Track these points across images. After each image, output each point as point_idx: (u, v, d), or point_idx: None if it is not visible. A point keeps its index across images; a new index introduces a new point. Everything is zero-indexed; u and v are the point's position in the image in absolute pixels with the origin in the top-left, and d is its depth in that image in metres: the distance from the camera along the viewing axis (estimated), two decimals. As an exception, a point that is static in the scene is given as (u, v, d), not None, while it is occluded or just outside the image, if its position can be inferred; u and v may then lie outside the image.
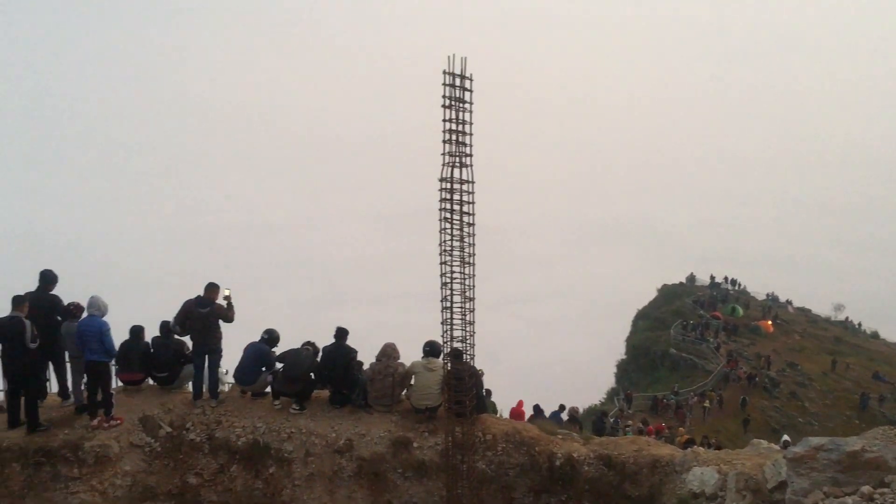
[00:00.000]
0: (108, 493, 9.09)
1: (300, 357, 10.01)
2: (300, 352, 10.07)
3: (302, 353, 10.07)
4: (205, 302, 9.67)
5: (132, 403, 9.81)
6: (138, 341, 9.97)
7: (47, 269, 9.32)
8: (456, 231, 9.35)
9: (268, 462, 9.61)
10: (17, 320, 8.88)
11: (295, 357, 9.98)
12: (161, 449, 9.53)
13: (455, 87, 9.08)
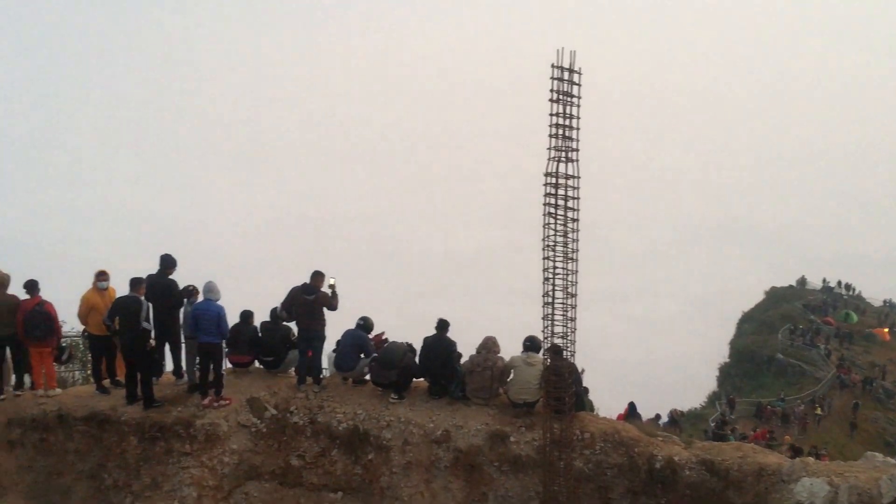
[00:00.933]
0: (217, 470, 9.82)
1: (395, 346, 10.52)
2: (396, 343, 10.59)
3: (397, 343, 10.58)
4: (310, 289, 10.29)
5: (240, 385, 10.53)
6: (247, 325, 10.68)
7: (166, 254, 10.12)
8: (560, 226, 9.62)
9: (367, 448, 10.14)
10: (135, 300, 9.71)
11: (391, 346, 10.51)
12: (266, 430, 10.20)
13: (563, 81, 9.36)
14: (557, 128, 9.41)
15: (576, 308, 9.73)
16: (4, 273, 9.90)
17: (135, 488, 9.68)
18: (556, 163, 9.48)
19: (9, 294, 9.86)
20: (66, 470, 9.95)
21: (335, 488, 10.21)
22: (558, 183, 9.53)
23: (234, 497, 9.97)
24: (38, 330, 9.75)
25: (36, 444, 9.94)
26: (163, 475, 9.70)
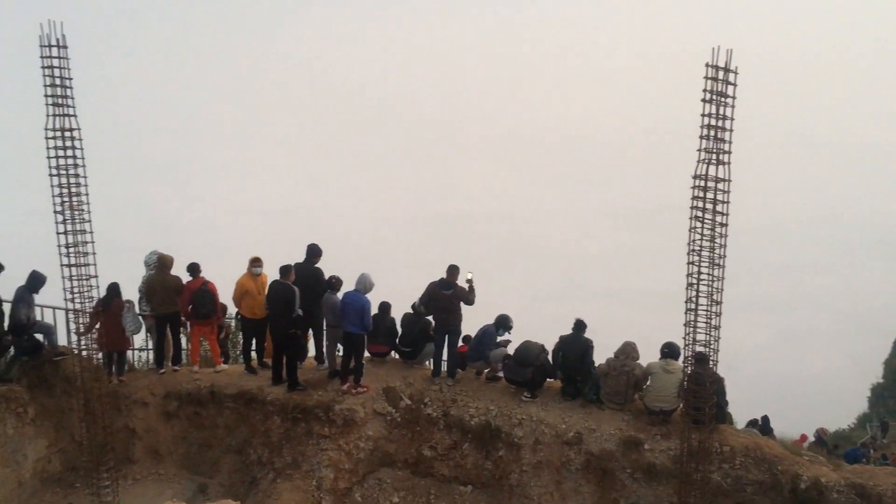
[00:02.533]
0: (353, 454, 10.78)
1: (531, 344, 11.16)
2: (531, 341, 11.22)
3: (533, 342, 11.21)
4: (448, 284, 11.10)
5: (378, 374, 11.49)
6: (385, 316, 11.64)
7: (313, 244, 11.19)
8: (707, 231, 9.90)
9: (498, 445, 10.82)
10: (289, 287, 10.83)
11: (526, 344, 11.15)
12: (401, 419, 11.09)
13: (717, 81, 9.65)
14: (709, 129, 9.67)
15: (720, 316, 9.98)
16: (169, 255, 11.33)
17: (277, 465, 10.79)
18: (706, 165, 9.75)
19: (172, 275, 11.29)
20: (216, 443, 11.25)
21: (465, 481, 10.98)
22: (707, 186, 9.82)
23: (367, 482, 10.93)
24: (204, 308, 11.14)
25: (190, 417, 11.30)
26: (302, 455, 10.76)
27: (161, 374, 11.58)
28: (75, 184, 9.92)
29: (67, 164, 9.84)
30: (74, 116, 9.81)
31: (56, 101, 9.69)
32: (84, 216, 10.02)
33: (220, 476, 11.07)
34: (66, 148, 9.79)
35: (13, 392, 10.47)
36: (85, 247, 10.05)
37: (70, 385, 10.71)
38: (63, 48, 9.60)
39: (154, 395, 11.30)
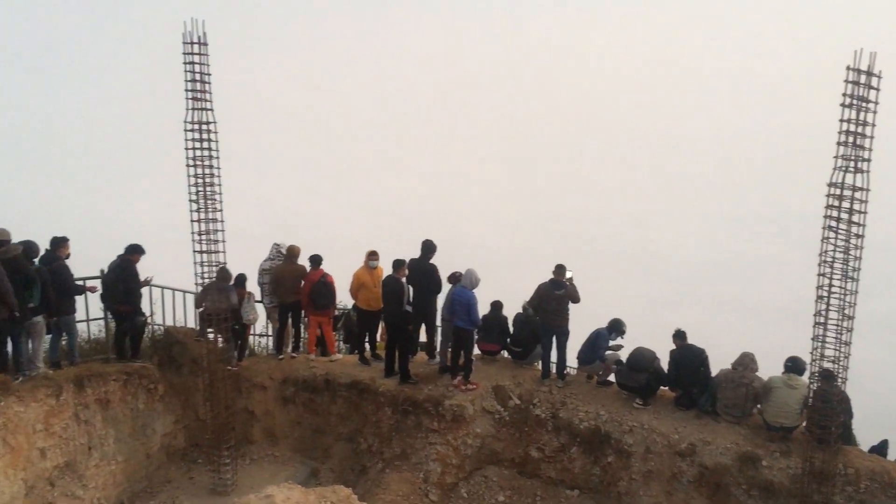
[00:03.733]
0: (460, 450, 11.32)
1: (645, 350, 11.38)
2: (645, 348, 11.46)
3: (646, 348, 11.44)
4: (560, 284, 11.48)
5: (487, 372, 12.00)
6: (498, 315, 12.14)
7: (428, 240, 11.79)
8: (841, 242, 9.84)
9: (607, 450, 11.11)
10: (397, 282, 11.49)
11: (640, 350, 11.39)
12: (509, 418, 11.56)
13: (859, 85, 9.57)
14: (848, 135, 9.61)
15: (851, 332, 9.91)
16: (296, 246, 12.24)
17: (386, 455, 11.48)
18: (843, 172, 9.69)
19: (298, 265, 12.19)
20: (329, 430, 12.06)
21: (572, 485, 11.33)
22: (843, 195, 9.77)
23: (473, 478, 11.45)
24: (322, 299, 11.98)
25: (305, 403, 12.16)
26: (411, 447, 11.39)
27: (280, 360, 12.53)
28: (209, 174, 10.88)
29: (203, 155, 10.81)
30: (211, 110, 10.75)
31: (195, 95, 10.65)
32: (216, 205, 10.98)
33: (331, 462, 11.88)
34: (202, 140, 10.74)
35: (146, 370, 11.58)
36: (216, 234, 11.02)
37: (196, 365, 11.76)
38: (203, 45, 10.54)
39: (272, 379, 12.24)
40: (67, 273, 10.60)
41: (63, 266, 10.54)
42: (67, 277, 10.59)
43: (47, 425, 10.14)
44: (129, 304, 11.21)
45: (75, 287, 10.83)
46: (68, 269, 10.63)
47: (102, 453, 10.89)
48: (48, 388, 10.22)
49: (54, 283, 10.23)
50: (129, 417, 11.33)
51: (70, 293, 10.63)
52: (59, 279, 10.37)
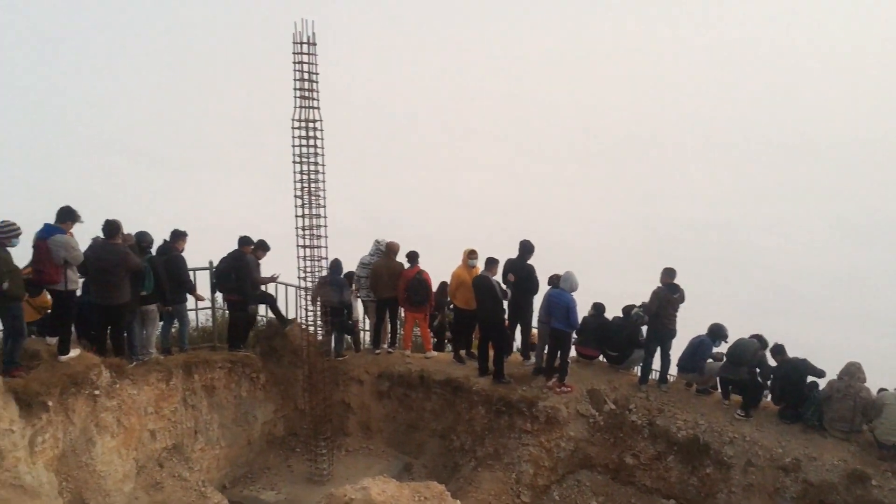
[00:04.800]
0: (553, 452, 11.62)
1: (747, 342, 11.27)
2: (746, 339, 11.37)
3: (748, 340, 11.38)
4: (675, 287, 11.59)
5: (583, 375, 12.25)
6: (598, 317, 12.39)
7: (527, 240, 12.14)
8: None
9: (705, 461, 11.19)
10: (488, 280, 11.87)
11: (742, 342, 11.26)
12: (604, 423, 11.78)
13: None
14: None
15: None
16: (395, 242, 12.82)
17: (478, 454, 11.89)
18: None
19: (396, 261, 12.76)
20: (422, 426, 12.57)
21: (668, 494, 11.46)
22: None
23: (566, 482, 11.73)
24: (418, 296, 12.50)
25: (400, 398, 12.72)
26: (504, 447, 11.76)
27: (376, 354, 13.13)
28: (314, 171, 11.53)
29: (309, 152, 11.46)
30: (318, 109, 11.39)
31: (303, 94, 11.30)
32: (320, 202, 11.62)
33: (424, 457, 12.39)
34: (308, 138, 11.39)
35: (249, 359, 12.35)
36: (319, 230, 11.67)
37: (296, 357, 12.47)
38: (313, 45, 11.18)
39: (369, 373, 12.83)
40: (182, 264, 11.43)
41: (179, 258, 11.38)
42: (182, 269, 11.41)
43: (157, 408, 10.99)
44: (239, 295, 12.00)
45: (188, 279, 11.65)
46: (184, 261, 11.46)
47: (207, 438, 11.70)
48: (159, 372, 11.07)
49: (169, 273, 11.07)
50: (233, 404, 12.12)
51: (183, 284, 11.46)
52: (174, 270, 11.20)
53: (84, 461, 9.69)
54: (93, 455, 9.77)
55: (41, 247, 9.31)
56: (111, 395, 10.17)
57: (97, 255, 10.03)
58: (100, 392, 9.92)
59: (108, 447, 10.02)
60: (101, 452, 9.90)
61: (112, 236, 9.99)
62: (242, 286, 11.88)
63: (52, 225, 9.46)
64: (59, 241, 9.31)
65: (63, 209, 9.54)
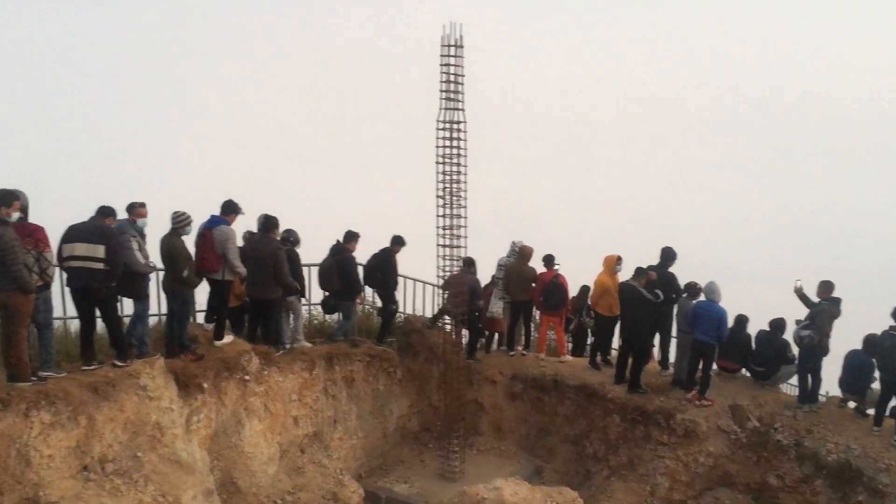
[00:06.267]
0: (690, 467, 11.65)
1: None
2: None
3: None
4: (836, 301, 11.35)
5: (725, 389, 12.21)
6: (741, 331, 12.33)
7: (668, 247, 12.24)
8: None
9: (858, 488, 10.88)
10: (635, 289, 12.04)
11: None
12: (746, 441, 11.70)
13: None
14: None
15: None
16: (529, 246, 13.26)
17: (612, 463, 12.12)
18: None
19: (528, 266, 13.19)
20: (554, 430, 12.93)
21: (814, 520, 11.30)
22: None
23: (704, 498, 11.70)
24: (553, 300, 12.89)
25: (533, 401, 13.12)
26: (639, 458, 11.93)
27: (510, 356, 13.63)
28: (456, 172, 12.13)
29: (452, 153, 12.07)
30: (462, 111, 11.97)
31: (448, 95, 11.89)
32: (461, 202, 12.21)
33: (555, 462, 12.74)
34: (452, 139, 11.99)
35: (387, 353, 13.14)
36: (459, 230, 12.27)
37: (432, 354, 13.17)
38: (459, 48, 11.77)
39: (502, 374, 13.32)
40: (353, 264, 12.30)
41: (350, 258, 12.24)
42: (352, 268, 12.28)
43: (301, 396, 11.92)
44: (384, 291, 12.82)
45: (357, 280, 12.47)
46: (354, 261, 12.32)
47: (346, 427, 12.56)
48: (303, 361, 11.98)
49: (340, 272, 11.99)
50: (370, 397, 12.94)
51: (352, 283, 12.28)
52: (344, 270, 12.11)
53: (234, 442, 10.66)
54: (241, 437, 10.73)
55: (206, 236, 10.34)
56: (259, 381, 11.13)
57: (252, 247, 11.04)
58: (249, 377, 10.87)
59: (255, 430, 10.97)
60: (249, 435, 10.85)
61: (269, 231, 10.97)
62: (386, 283, 12.67)
63: (217, 216, 10.47)
64: (223, 232, 10.32)
65: (227, 202, 10.51)
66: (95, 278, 8.72)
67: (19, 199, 7.95)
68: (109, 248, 8.72)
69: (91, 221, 8.92)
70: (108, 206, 9.12)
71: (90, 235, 8.71)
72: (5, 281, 7.77)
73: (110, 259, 8.71)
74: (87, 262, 8.68)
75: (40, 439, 7.91)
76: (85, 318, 9.17)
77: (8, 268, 7.66)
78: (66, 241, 8.76)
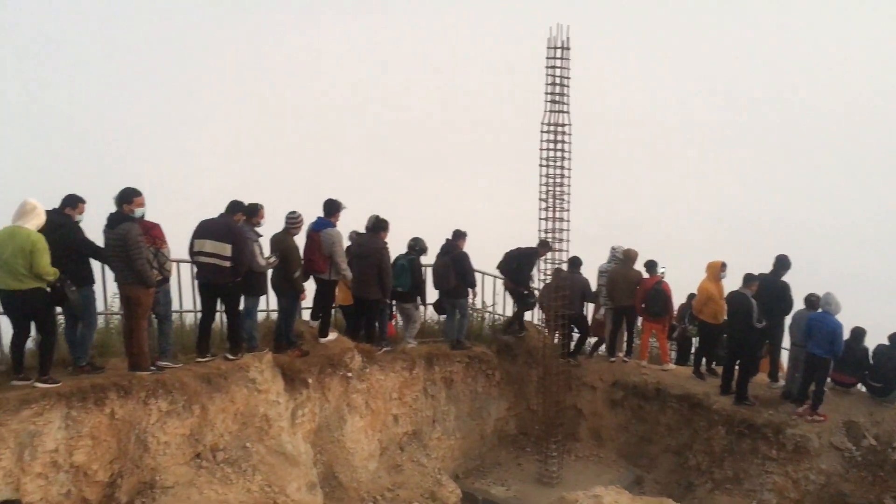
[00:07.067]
0: (800, 484, 11.34)
1: None
2: None
3: None
4: None
5: (839, 405, 11.78)
6: (858, 344, 11.93)
7: (783, 255, 11.94)
8: None
9: None
10: (745, 297, 11.82)
11: None
12: (861, 459, 11.29)
13: None
14: None
15: None
16: (634, 250, 13.23)
17: (716, 476, 11.92)
18: None
19: (634, 269, 13.16)
20: (656, 440, 12.82)
21: (937, 546, 10.84)
22: None
23: (814, 517, 11.48)
24: (656, 306, 12.81)
25: (633, 409, 13.06)
26: (745, 472, 11.67)
27: (611, 362, 13.62)
28: (560, 175, 12.24)
29: (556, 156, 12.19)
30: (567, 113, 12.07)
31: (554, 98, 12.02)
32: (564, 206, 12.32)
33: (656, 472, 12.64)
34: (556, 142, 12.11)
35: (485, 355, 13.35)
36: (561, 234, 12.39)
37: (531, 357, 13.32)
38: (566, 50, 11.88)
39: (602, 381, 13.30)
40: (468, 260, 12.64)
41: (465, 254, 12.60)
42: (467, 265, 12.62)
43: (401, 395, 12.29)
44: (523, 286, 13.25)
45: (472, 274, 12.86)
46: (467, 258, 12.64)
47: (444, 428, 12.85)
48: (404, 361, 12.35)
49: (456, 268, 12.40)
50: (469, 398, 13.18)
51: (466, 278, 12.64)
52: (459, 266, 12.49)
53: (336, 437, 11.13)
54: (344, 432, 11.19)
55: (314, 239, 10.85)
56: (362, 379, 11.56)
57: (359, 245, 11.49)
58: (352, 375, 11.31)
59: (356, 426, 11.41)
60: (351, 431, 11.29)
61: (377, 231, 11.41)
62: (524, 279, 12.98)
63: (323, 218, 10.96)
64: (330, 235, 10.81)
65: (329, 202, 10.96)
66: (222, 274, 9.32)
67: (141, 196, 8.55)
68: (236, 248, 9.27)
69: (221, 219, 9.51)
70: (238, 202, 9.68)
71: (219, 233, 9.28)
72: (129, 274, 8.41)
73: (235, 258, 9.26)
74: (215, 259, 9.28)
75: (157, 426, 8.52)
76: (207, 310, 9.78)
77: (133, 262, 8.28)
78: (197, 236, 9.39)
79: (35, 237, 7.58)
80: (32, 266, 7.54)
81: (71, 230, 8.34)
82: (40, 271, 7.58)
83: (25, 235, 7.55)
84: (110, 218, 8.41)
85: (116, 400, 8.20)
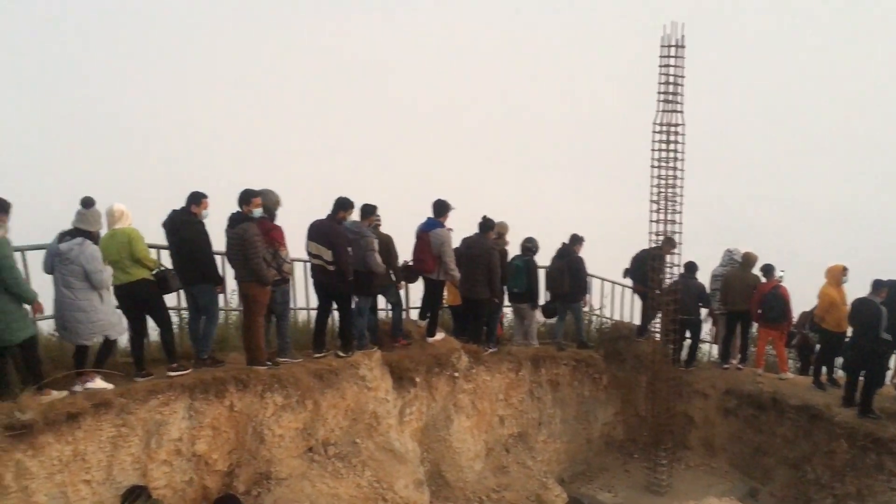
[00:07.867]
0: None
1: None
2: None
3: None
4: None
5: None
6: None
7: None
8: None
9: None
10: (874, 305, 11.35)
11: None
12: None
13: None
14: None
15: None
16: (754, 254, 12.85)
17: (837, 492, 11.48)
18: None
19: (751, 273, 12.85)
20: (771, 451, 12.43)
21: None
22: None
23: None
24: (773, 312, 12.45)
25: (748, 419, 12.71)
26: (868, 489, 11.18)
27: (724, 369, 13.30)
28: (672, 176, 12.10)
29: (668, 157, 12.06)
30: (681, 113, 11.93)
31: (667, 97, 11.90)
32: (676, 207, 12.17)
33: (772, 485, 12.27)
34: (669, 142, 11.98)
35: (592, 359, 13.32)
36: (673, 237, 12.24)
37: (640, 362, 13.21)
38: (681, 48, 11.75)
39: (714, 388, 13.01)
40: (582, 266, 12.83)
41: (580, 259, 12.78)
42: (581, 269, 12.81)
43: (507, 396, 12.42)
44: None
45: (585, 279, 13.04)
46: (583, 262, 12.83)
47: (550, 431, 12.91)
48: (510, 362, 12.48)
49: (571, 273, 12.57)
50: (575, 402, 13.19)
51: (581, 283, 12.82)
52: (574, 270, 12.66)
53: (442, 436, 11.35)
54: (450, 431, 11.40)
55: (423, 239, 11.15)
56: (468, 379, 11.75)
57: (468, 246, 11.71)
58: (459, 375, 11.51)
59: (462, 426, 11.60)
60: (457, 430, 11.50)
61: (485, 231, 11.63)
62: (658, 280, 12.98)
63: (432, 219, 11.24)
64: (439, 236, 11.08)
65: (438, 203, 11.18)
66: (329, 276, 9.72)
67: (259, 197, 9.01)
68: (336, 253, 9.61)
69: (326, 221, 9.89)
70: (342, 200, 9.99)
71: (320, 237, 9.67)
72: (246, 272, 8.87)
73: (337, 262, 9.60)
74: (320, 262, 9.70)
75: (273, 419, 8.93)
76: (322, 308, 10.21)
77: (249, 260, 8.74)
78: (309, 237, 9.84)
79: (129, 229, 8.18)
80: (132, 254, 8.16)
81: (195, 227, 8.82)
82: (139, 256, 8.19)
83: (122, 232, 8.20)
84: (231, 218, 8.87)
85: (235, 393, 8.66)
